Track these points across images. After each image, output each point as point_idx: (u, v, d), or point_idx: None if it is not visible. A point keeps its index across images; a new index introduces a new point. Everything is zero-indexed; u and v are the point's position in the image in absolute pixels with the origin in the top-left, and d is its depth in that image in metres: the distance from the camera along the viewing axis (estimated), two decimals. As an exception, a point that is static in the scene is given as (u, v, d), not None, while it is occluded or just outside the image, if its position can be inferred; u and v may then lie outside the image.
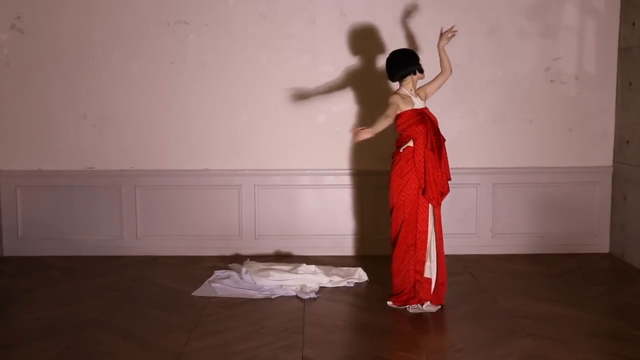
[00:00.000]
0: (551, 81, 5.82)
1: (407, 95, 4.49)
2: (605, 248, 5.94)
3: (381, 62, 5.73)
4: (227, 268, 5.31)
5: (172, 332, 4.09)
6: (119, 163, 5.82)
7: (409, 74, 4.51)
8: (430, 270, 4.46)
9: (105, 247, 5.84)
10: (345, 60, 5.75)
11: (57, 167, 5.81)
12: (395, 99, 4.46)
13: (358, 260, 5.67)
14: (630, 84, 5.61)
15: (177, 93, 5.75)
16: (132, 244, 5.86)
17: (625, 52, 5.69)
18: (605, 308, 4.64)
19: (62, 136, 5.80)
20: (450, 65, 4.59)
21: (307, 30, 5.74)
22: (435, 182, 4.42)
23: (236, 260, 5.56)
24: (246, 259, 5.46)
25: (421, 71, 4.55)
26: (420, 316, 4.36)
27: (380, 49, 5.69)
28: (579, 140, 5.88)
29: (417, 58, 4.55)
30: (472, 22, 5.74)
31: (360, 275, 5.14)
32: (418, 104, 4.49)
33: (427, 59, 5.74)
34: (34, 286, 5.01)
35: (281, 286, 4.87)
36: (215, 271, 5.21)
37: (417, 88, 4.58)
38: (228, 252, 5.84)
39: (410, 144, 4.44)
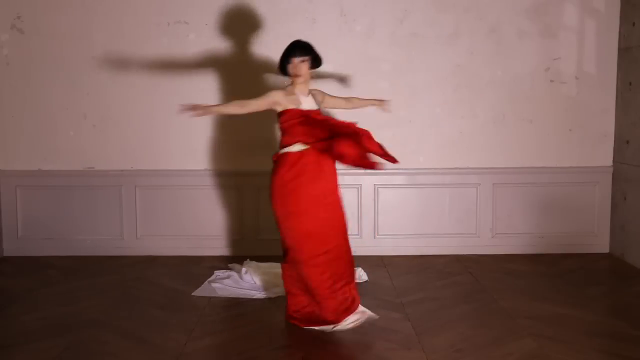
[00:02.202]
0: (551, 81, 5.82)
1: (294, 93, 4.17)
2: (605, 248, 5.94)
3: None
4: (227, 268, 5.31)
5: (172, 332, 4.09)
6: (119, 163, 5.82)
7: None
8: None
9: (105, 247, 5.84)
10: (346, 60, 5.75)
11: (57, 167, 5.82)
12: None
13: (358, 260, 5.66)
14: (630, 84, 5.61)
15: (177, 93, 5.75)
16: (132, 244, 5.86)
17: (625, 52, 5.69)
18: (605, 308, 4.64)
19: (62, 136, 5.80)
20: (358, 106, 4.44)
21: (307, 30, 5.73)
22: None
23: (236, 260, 5.56)
24: (246, 259, 5.46)
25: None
26: (421, 316, 4.36)
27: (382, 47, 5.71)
28: (579, 140, 5.88)
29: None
30: (472, 22, 5.74)
31: (360, 275, 5.13)
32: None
33: (427, 59, 5.78)
34: (34, 286, 5.01)
35: (281, 286, 4.88)
36: (215, 271, 5.21)
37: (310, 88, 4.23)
38: (228, 252, 5.84)
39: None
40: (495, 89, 5.81)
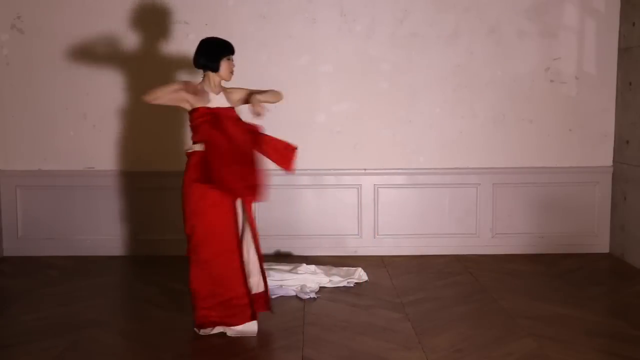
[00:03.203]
0: (551, 81, 5.82)
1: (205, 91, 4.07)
2: (605, 248, 5.94)
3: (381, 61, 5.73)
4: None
5: (172, 332, 4.09)
6: (119, 163, 5.82)
7: (209, 69, 4.07)
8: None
9: (105, 247, 5.84)
10: (346, 60, 5.75)
11: (57, 167, 5.82)
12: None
13: (358, 260, 5.66)
14: (630, 84, 5.61)
15: (177, 93, 5.74)
16: (132, 244, 5.86)
17: (625, 52, 5.69)
18: (605, 308, 4.64)
19: (62, 136, 5.80)
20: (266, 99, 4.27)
21: (307, 30, 5.74)
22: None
23: (236, 260, 5.55)
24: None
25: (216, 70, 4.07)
26: (421, 316, 4.36)
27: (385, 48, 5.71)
28: (579, 140, 5.88)
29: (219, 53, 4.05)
30: (472, 22, 5.74)
31: (360, 275, 5.14)
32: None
33: (427, 59, 5.78)
34: (34, 286, 5.01)
35: (281, 286, 4.87)
36: (215, 271, 5.20)
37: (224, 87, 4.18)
38: (228, 252, 5.83)
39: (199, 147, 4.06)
40: (495, 89, 5.81)
